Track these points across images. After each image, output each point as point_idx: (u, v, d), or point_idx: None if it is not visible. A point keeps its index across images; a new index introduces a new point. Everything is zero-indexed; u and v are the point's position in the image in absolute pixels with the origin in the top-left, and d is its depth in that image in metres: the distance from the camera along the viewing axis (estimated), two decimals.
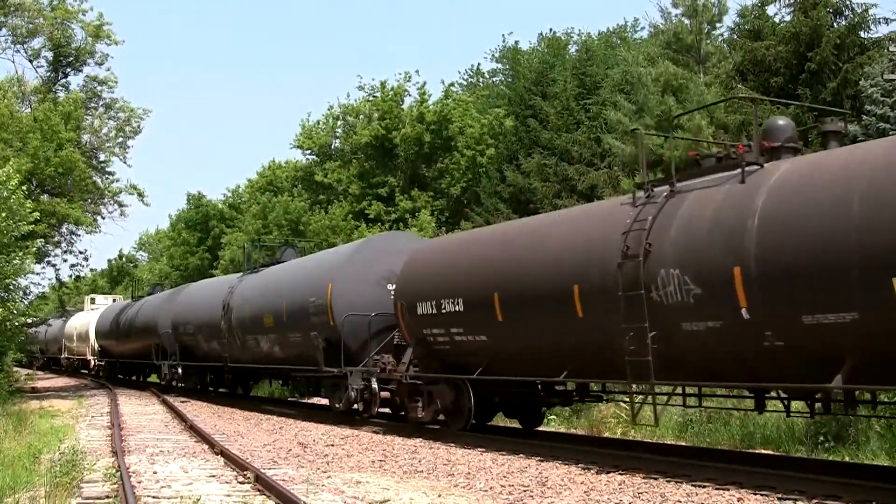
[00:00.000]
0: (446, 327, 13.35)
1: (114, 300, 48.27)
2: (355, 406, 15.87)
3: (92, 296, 53.24)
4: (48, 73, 33.33)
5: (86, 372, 43.90)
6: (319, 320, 16.68)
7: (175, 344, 26.36)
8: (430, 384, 14.09)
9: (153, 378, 34.75)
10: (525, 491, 8.92)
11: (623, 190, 21.85)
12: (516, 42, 55.73)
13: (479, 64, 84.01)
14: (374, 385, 15.32)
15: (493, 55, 55.05)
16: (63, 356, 48.09)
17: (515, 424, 15.26)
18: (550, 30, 63.13)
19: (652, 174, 22.55)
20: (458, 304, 12.98)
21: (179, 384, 26.89)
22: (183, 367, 26.32)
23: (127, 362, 35.71)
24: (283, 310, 18.47)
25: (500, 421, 15.91)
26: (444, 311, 13.31)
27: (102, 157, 33.51)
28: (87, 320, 42.21)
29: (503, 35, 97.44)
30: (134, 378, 37.59)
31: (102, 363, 39.75)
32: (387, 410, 16.78)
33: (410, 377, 14.35)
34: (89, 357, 41.30)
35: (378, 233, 29.32)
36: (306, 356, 17.55)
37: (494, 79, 53.78)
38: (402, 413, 15.78)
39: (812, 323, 8.00)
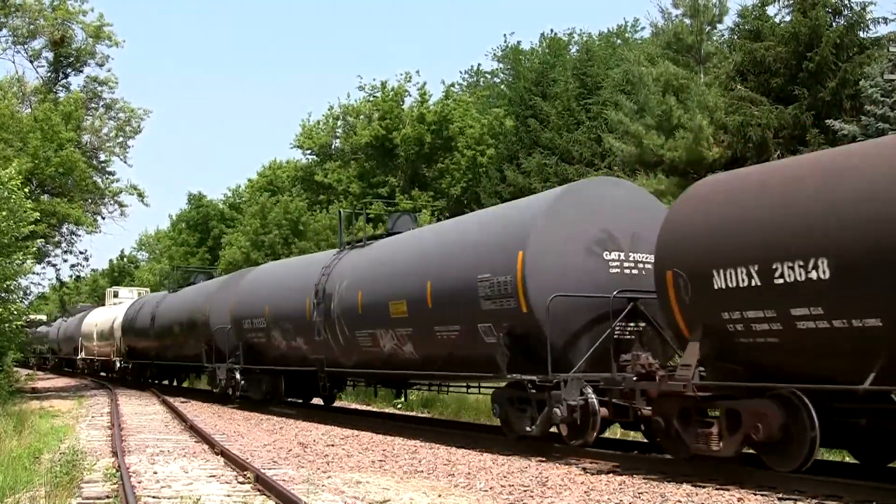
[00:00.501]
0: (779, 307, 8.54)
1: (139, 294, 42.81)
2: (553, 429, 11.23)
3: (115, 289, 49.83)
4: (48, 74, 33.45)
5: (105, 374, 39.38)
6: (498, 306, 11.72)
7: (237, 342, 20.97)
8: (726, 399, 9.30)
9: (196, 383, 30.54)
10: (525, 491, 8.91)
11: None
12: (518, 42, 55.84)
13: (479, 64, 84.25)
14: (593, 399, 10.55)
15: (494, 54, 55.23)
16: (79, 357, 42.46)
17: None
18: (551, 30, 63.23)
19: (653, 174, 22.66)
20: (816, 267, 8.14)
21: (239, 393, 20.88)
22: (247, 371, 20.61)
23: (165, 364, 29.25)
24: (425, 293, 13.23)
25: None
26: (778, 280, 8.50)
27: (103, 157, 33.64)
28: (110, 316, 36.52)
29: (504, 35, 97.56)
30: (166, 382, 32.00)
31: (129, 365, 33.87)
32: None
33: (697, 386, 9.35)
34: (114, 358, 35.93)
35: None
36: (462, 357, 12.87)
37: (495, 79, 53.91)
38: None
39: None
